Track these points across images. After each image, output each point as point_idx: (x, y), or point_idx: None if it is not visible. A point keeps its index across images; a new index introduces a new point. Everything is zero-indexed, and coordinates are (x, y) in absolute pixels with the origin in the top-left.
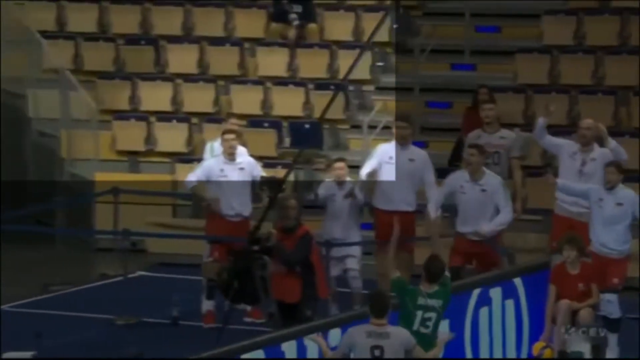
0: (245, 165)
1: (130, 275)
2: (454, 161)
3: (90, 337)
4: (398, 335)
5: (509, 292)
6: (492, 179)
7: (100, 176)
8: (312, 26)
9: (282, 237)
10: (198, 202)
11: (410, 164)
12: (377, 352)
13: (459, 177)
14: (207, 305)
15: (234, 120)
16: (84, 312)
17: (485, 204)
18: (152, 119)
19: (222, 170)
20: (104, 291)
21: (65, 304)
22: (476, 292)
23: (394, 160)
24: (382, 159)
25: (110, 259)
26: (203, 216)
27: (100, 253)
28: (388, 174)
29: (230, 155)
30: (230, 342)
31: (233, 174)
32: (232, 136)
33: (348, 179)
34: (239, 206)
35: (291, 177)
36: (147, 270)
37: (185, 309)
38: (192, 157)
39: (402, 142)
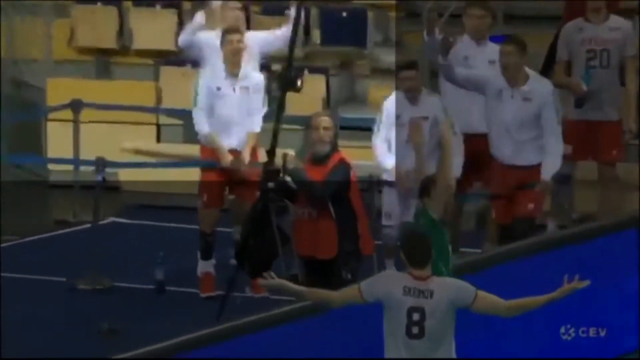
0: (250, 85)
1: (98, 223)
2: (547, 68)
3: (44, 308)
4: (445, 290)
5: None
6: (540, 85)
7: (54, 84)
8: None
9: (310, 169)
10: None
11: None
12: (415, 316)
13: (496, 82)
14: (203, 266)
15: (234, 3)
16: (34, 274)
17: (526, 120)
18: (128, 3)
19: (219, 88)
20: (62, 244)
21: (8, 263)
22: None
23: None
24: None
25: (70, 200)
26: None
27: (55, 191)
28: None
29: (233, 66)
30: (233, 316)
31: (233, 95)
32: (237, 37)
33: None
34: (238, 137)
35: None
36: (122, 216)
37: (174, 269)
38: (182, 58)
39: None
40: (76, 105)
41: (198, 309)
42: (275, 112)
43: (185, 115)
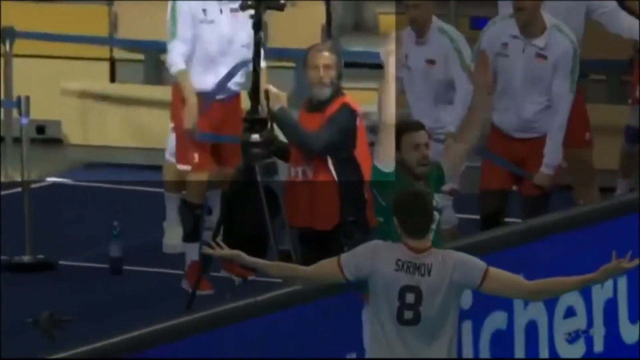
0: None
1: (35, 185)
2: None
3: None
4: (447, 266)
5: None
6: (559, 38)
7: None
8: None
9: (306, 118)
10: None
11: (429, 68)
12: (409, 297)
13: (503, 29)
14: (191, 252)
15: None
16: None
17: (540, 78)
18: None
19: (204, 11)
20: None
21: None
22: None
23: (411, 63)
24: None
25: None
26: (165, 82)
27: None
28: (407, 85)
29: None
30: (206, 304)
31: (221, 20)
32: None
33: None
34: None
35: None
36: (65, 176)
37: (132, 244)
38: None
39: (415, 30)
40: (8, 35)
41: (163, 293)
42: (253, 39)
43: (147, 49)
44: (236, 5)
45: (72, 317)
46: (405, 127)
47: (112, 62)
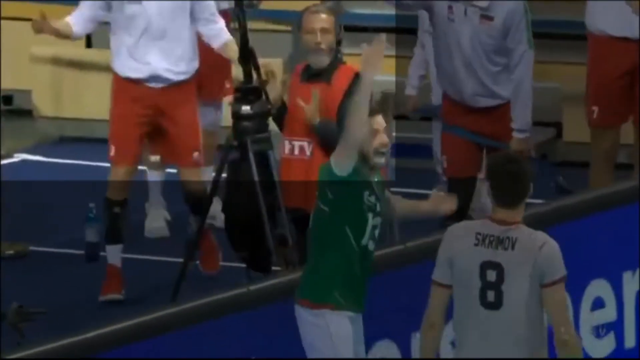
0: None
1: (2, 162)
2: None
3: None
4: (534, 246)
5: None
6: None
7: None
8: None
9: (303, 89)
10: None
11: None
12: (491, 275)
13: None
14: (110, 255)
15: None
16: None
17: (489, 42)
18: None
19: None
20: None
21: None
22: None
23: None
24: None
25: None
26: None
27: None
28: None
29: None
30: (195, 294)
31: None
32: None
33: None
34: (167, 61)
35: None
36: (36, 152)
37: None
38: None
39: None
40: None
41: (144, 280)
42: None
43: None
44: None
45: (44, 309)
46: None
47: None
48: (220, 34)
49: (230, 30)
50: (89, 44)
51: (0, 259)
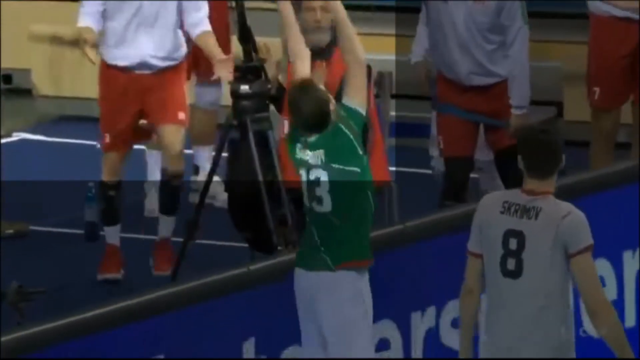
0: None
1: (1, 141)
2: None
3: None
4: (558, 216)
5: None
6: None
7: None
8: None
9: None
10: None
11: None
12: (512, 243)
13: None
14: (108, 235)
15: None
16: None
17: (484, 22)
18: None
19: None
20: None
21: None
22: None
23: None
24: None
25: None
26: None
27: None
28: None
29: None
30: (194, 274)
31: None
32: None
33: None
34: (156, 48)
35: None
36: (36, 131)
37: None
38: None
39: None
40: None
41: (144, 260)
42: None
43: None
44: None
45: (44, 288)
46: None
47: None
48: (200, 23)
49: (224, 9)
50: None
51: (0, 238)
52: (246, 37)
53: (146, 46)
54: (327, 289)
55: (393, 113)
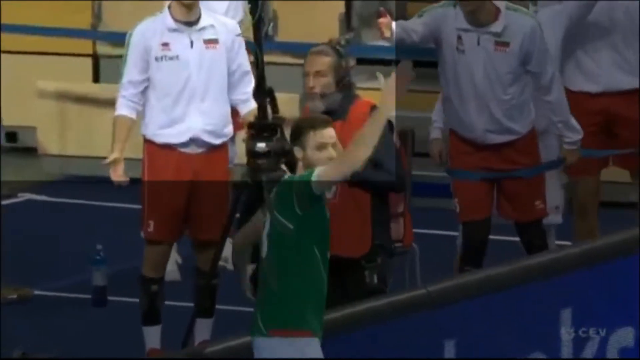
0: (219, 33)
1: (6, 202)
2: None
3: None
4: None
5: None
6: (516, 17)
7: None
8: None
9: None
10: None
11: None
12: None
13: (453, 19)
14: (147, 337)
15: None
16: None
17: (504, 70)
18: None
19: (165, 44)
20: None
21: None
22: None
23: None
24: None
25: None
26: None
27: None
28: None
29: (186, 9)
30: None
31: (191, 53)
32: None
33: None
34: (207, 123)
35: None
36: (41, 191)
37: (119, 270)
38: None
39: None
40: None
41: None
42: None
43: None
44: (215, 35)
45: (49, 356)
46: (309, 123)
47: (96, 58)
48: (250, 100)
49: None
50: (96, 79)
51: (1, 304)
52: (262, 92)
53: (197, 120)
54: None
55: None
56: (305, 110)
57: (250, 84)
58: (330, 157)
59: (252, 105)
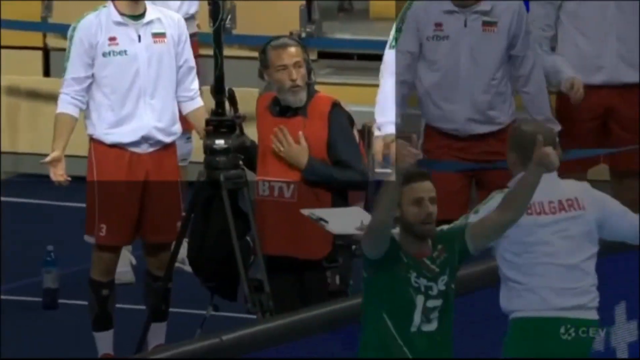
0: (166, 27)
1: None
2: None
3: None
4: None
5: None
6: None
7: None
8: None
9: (274, 123)
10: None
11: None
12: None
13: (430, 7)
14: (100, 343)
15: None
16: None
17: (492, 52)
18: None
19: (112, 38)
20: None
21: None
22: None
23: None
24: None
25: None
26: None
27: None
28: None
29: (132, 2)
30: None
31: (139, 47)
32: None
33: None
34: (158, 120)
35: None
36: None
37: (71, 272)
38: None
39: None
40: None
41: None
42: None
43: None
44: (162, 28)
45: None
46: (407, 177)
47: (46, 51)
48: (195, 97)
49: (200, 58)
50: (47, 72)
51: None
52: (221, 89)
53: (149, 118)
54: None
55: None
56: (261, 104)
57: (195, 80)
58: (428, 213)
59: (198, 103)
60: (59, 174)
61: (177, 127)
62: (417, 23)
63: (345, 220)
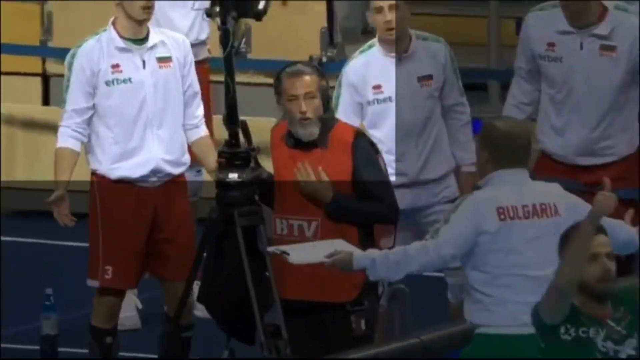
0: (171, 49)
1: None
2: None
3: None
4: None
5: None
6: (624, 17)
7: None
8: None
9: (296, 161)
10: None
11: (424, 87)
12: None
13: (545, 24)
14: None
15: None
16: None
17: (608, 78)
18: None
19: (115, 66)
20: None
21: None
22: None
23: (387, 93)
24: (364, 96)
25: None
26: None
27: None
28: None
29: (136, 25)
30: None
31: (144, 74)
32: None
33: None
34: (166, 151)
35: None
36: None
37: (71, 318)
38: None
39: (390, 44)
40: None
41: None
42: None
43: None
44: (167, 52)
45: None
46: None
47: (45, 78)
48: (200, 125)
49: (204, 83)
50: (46, 100)
51: None
52: (234, 121)
53: (157, 149)
54: None
55: None
56: (276, 134)
57: (200, 106)
58: (606, 270)
59: (203, 131)
60: (63, 214)
61: (187, 158)
62: (528, 41)
63: (315, 251)
